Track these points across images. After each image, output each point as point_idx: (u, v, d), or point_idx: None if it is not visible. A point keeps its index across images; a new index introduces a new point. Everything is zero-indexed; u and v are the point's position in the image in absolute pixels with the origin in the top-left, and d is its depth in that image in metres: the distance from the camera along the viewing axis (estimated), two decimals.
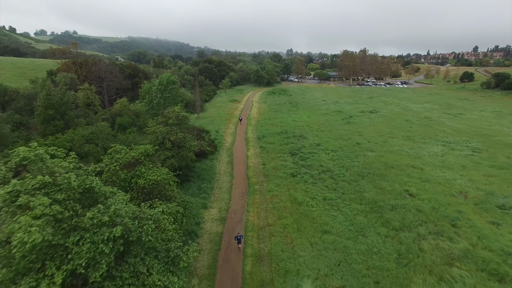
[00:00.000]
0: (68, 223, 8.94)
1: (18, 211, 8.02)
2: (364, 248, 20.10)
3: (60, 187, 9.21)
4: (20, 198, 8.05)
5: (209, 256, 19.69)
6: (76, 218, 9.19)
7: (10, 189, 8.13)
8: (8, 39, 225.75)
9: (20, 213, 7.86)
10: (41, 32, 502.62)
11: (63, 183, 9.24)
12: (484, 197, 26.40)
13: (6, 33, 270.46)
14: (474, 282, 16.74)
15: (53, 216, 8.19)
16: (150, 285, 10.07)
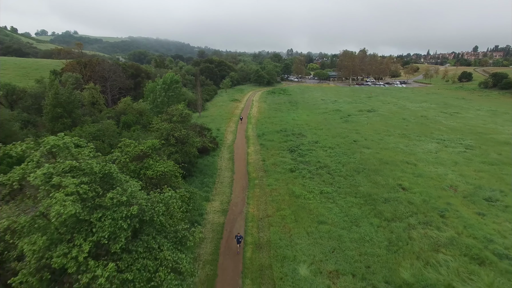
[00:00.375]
0: (92, 202, 10.30)
1: (52, 189, 9.36)
2: (357, 236, 21.44)
3: (84, 171, 10.56)
4: (54, 178, 9.40)
5: (212, 244, 21.05)
6: (97, 198, 10.55)
7: (45, 171, 9.48)
8: (10, 39, 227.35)
9: (54, 191, 9.20)
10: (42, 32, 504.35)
11: (87, 168, 10.59)
12: (472, 191, 27.74)
13: (8, 33, 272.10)
14: (457, 265, 18.08)
15: (80, 195, 9.53)
16: (161, 259, 11.43)
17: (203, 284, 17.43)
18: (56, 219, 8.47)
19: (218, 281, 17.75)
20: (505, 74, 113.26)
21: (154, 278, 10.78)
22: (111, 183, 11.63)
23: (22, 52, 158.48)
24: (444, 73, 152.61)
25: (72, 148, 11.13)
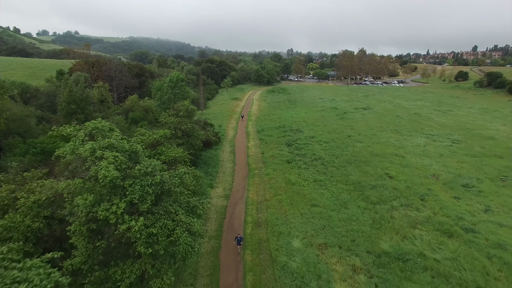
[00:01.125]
0: (124, 172, 13.03)
1: (96, 160, 12.06)
2: (345, 216, 24.16)
3: (117, 148, 13.27)
4: (97, 152, 12.10)
5: (216, 223, 23.79)
6: (128, 170, 13.29)
7: (90, 146, 12.18)
8: (13, 40, 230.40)
9: (98, 162, 11.91)
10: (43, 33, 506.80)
11: (119, 146, 13.30)
12: (452, 179, 30.45)
13: (11, 34, 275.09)
14: (429, 238, 20.80)
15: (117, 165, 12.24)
16: (178, 221, 14.17)
17: (209, 254, 20.17)
18: (103, 180, 11.19)
19: (221, 252, 20.50)
20: (499, 73, 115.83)
21: (172, 234, 13.52)
22: (137, 159, 14.36)
23: (26, 53, 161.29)
24: (441, 72, 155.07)
25: (106, 130, 13.87)
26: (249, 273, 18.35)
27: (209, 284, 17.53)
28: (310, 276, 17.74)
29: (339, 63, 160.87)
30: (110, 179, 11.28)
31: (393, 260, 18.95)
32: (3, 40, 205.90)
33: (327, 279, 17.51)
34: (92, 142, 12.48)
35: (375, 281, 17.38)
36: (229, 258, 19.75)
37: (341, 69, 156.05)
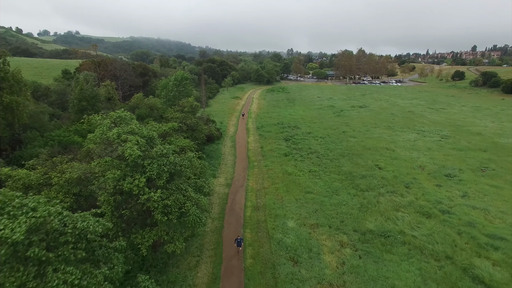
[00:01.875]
0: (144, 153, 15.52)
1: (122, 142, 14.54)
2: (336, 202, 26.64)
3: (137, 133, 15.76)
4: (122, 136, 14.60)
5: (219, 207, 26.29)
6: (147, 151, 15.78)
7: (116, 131, 14.67)
8: (16, 40, 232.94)
9: (123, 144, 14.39)
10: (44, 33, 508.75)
11: (139, 132, 15.81)
12: (437, 169, 32.92)
13: (13, 34, 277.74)
14: (410, 219, 23.28)
15: (138, 146, 14.73)
16: (187, 196, 16.66)
17: (213, 232, 22.67)
18: (128, 157, 13.69)
19: (224, 230, 23.00)
20: (494, 73, 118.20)
21: (183, 207, 16.00)
22: (153, 144, 16.86)
23: (30, 53, 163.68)
24: (439, 72, 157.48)
25: (128, 119, 16.39)
26: (248, 248, 20.84)
27: (214, 256, 20.03)
28: (302, 250, 20.23)
29: (338, 63, 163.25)
30: (134, 157, 13.76)
31: (376, 236, 21.44)
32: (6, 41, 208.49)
33: (317, 252, 19.99)
34: (117, 128, 14.98)
35: (359, 253, 19.87)
36: (230, 236, 22.22)
37: (339, 68, 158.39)
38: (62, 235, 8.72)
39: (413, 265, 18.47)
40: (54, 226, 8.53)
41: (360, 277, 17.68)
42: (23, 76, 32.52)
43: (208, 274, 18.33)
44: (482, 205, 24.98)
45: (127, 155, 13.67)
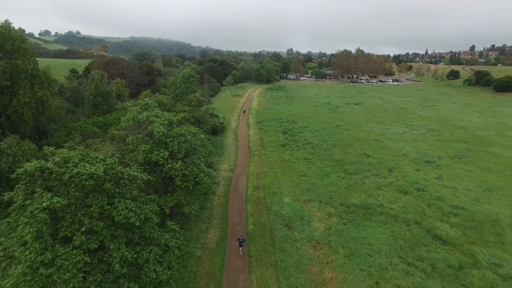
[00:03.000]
0: (166, 132, 19.27)
1: (150, 124, 18.30)
2: (326, 183, 30.38)
3: (161, 117, 19.53)
4: (150, 118, 18.35)
5: (224, 187, 30.03)
6: (168, 131, 19.54)
7: (145, 114, 18.44)
8: None
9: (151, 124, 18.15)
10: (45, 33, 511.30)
11: (162, 116, 19.57)
12: (419, 157, 36.68)
13: None
14: (389, 195, 27.03)
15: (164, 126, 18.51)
16: (201, 169, 20.40)
17: (219, 206, 26.42)
18: (157, 134, 17.45)
19: (229, 205, 26.75)
20: (487, 72, 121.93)
21: (197, 177, 19.76)
22: (172, 126, 20.62)
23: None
24: (434, 71, 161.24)
25: (153, 106, 20.16)
26: (250, 218, 24.59)
27: (221, 223, 23.79)
28: (295, 218, 23.97)
29: (336, 62, 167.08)
30: (161, 134, 17.51)
31: (359, 209, 25.19)
32: None
33: (308, 220, 23.75)
34: (146, 112, 18.76)
35: (343, 221, 23.62)
36: (234, 209, 25.98)
37: (338, 68, 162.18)
38: (121, 179, 12.41)
39: (387, 229, 22.22)
40: (117, 172, 12.23)
41: (343, 237, 21.42)
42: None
43: (217, 236, 22.10)
44: (453, 184, 28.76)
45: (155, 132, 17.43)
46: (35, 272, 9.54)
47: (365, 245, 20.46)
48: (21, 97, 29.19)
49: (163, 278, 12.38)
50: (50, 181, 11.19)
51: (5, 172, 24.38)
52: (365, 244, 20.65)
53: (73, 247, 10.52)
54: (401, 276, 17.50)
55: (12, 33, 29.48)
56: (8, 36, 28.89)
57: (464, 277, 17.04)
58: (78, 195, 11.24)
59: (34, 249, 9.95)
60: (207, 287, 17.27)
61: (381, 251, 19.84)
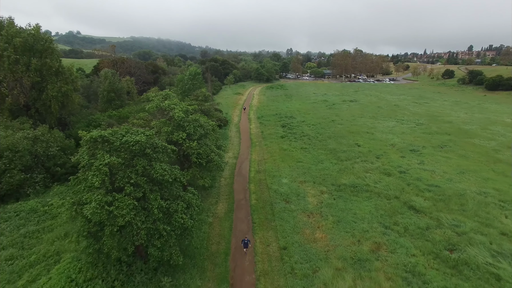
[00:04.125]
0: (183, 117, 23.02)
1: (170, 109, 22.06)
2: (320, 167, 34.12)
3: (179, 105, 23.28)
4: (170, 106, 22.12)
5: (229, 171, 33.77)
6: (185, 117, 23.30)
7: (168, 102, 22.19)
8: None
9: (172, 110, 21.91)
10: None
11: (181, 104, 23.34)
12: (405, 146, 40.47)
13: None
14: (375, 177, 30.77)
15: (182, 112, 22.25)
16: (212, 150, 24.18)
17: (226, 186, 30.17)
18: (177, 117, 21.20)
19: (234, 185, 30.50)
20: (480, 71, 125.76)
21: (209, 155, 23.51)
22: (188, 113, 24.38)
23: None
24: (430, 71, 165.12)
25: (173, 96, 23.94)
26: (252, 195, 28.33)
27: (228, 199, 27.53)
28: (292, 195, 27.71)
29: (334, 62, 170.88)
30: (180, 118, 21.27)
31: (347, 187, 28.93)
32: None
33: (303, 196, 27.50)
34: (168, 101, 22.54)
35: (333, 196, 27.36)
36: (239, 188, 29.73)
37: (336, 67, 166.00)
38: (156, 148, 16.13)
39: (371, 203, 25.99)
40: (154, 142, 15.98)
41: (332, 209, 25.17)
42: None
43: (225, 208, 25.86)
44: (432, 168, 32.57)
45: (176, 116, 21.18)
46: (102, 208, 13.25)
47: (351, 215, 24.21)
48: (49, 91, 32.92)
49: (188, 225, 16.12)
50: (105, 146, 14.92)
51: (40, 155, 28.15)
52: (351, 213, 24.40)
53: (125, 194, 14.27)
54: (378, 235, 21.26)
55: (42, 35, 33.17)
56: (39, 37, 32.59)
57: (429, 235, 20.83)
58: (127, 157, 15.00)
59: (100, 193, 13.70)
60: (219, 244, 21.04)
61: (364, 218, 23.59)
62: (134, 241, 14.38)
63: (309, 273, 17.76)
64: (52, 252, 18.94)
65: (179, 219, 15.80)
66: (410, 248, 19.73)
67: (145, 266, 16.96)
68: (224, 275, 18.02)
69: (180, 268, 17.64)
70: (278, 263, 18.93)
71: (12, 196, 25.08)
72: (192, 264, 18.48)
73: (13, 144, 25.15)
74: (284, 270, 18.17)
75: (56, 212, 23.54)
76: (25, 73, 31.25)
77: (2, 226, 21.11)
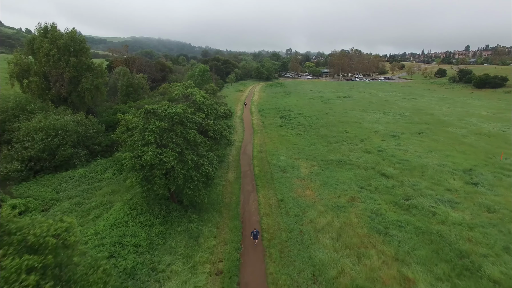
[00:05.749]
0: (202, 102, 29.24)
1: (192, 96, 28.24)
2: (312, 148, 40.40)
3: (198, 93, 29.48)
4: (193, 92, 28.31)
5: (236, 152, 40.05)
6: (204, 102, 29.53)
7: (191, 89, 28.35)
8: None
9: (194, 96, 28.10)
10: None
11: (199, 92, 29.53)
12: (387, 133, 46.77)
13: (24, 35, 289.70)
14: (357, 155, 37.06)
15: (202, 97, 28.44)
16: (225, 128, 30.47)
17: (233, 161, 36.43)
18: (198, 102, 27.42)
19: (240, 161, 36.76)
20: (469, 70, 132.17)
21: (222, 132, 29.77)
22: (206, 99, 30.63)
23: None
24: (424, 70, 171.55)
25: (192, 85, 30.22)
26: (256, 167, 34.57)
27: (235, 170, 33.77)
28: (288, 167, 33.95)
29: (331, 62, 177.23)
30: (201, 101, 27.51)
31: (334, 162, 35.19)
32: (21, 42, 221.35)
33: (297, 168, 33.75)
34: (191, 89, 28.79)
35: (321, 168, 33.60)
36: (244, 163, 35.98)
37: (333, 67, 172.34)
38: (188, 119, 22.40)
39: (351, 172, 32.23)
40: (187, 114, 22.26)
41: (320, 176, 31.40)
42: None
43: (234, 176, 32.12)
44: (405, 148, 38.90)
45: (198, 100, 27.42)
46: (155, 155, 19.48)
47: (335, 180, 30.45)
48: (84, 84, 39.07)
49: (211, 174, 22.38)
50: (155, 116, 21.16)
51: (81, 135, 34.37)
52: (335, 179, 30.64)
53: (169, 148, 20.52)
54: (354, 192, 27.50)
55: (78, 37, 39.36)
56: (76, 39, 38.77)
57: (392, 191, 27.11)
58: (169, 124, 21.26)
59: (153, 147, 19.94)
60: (231, 198, 27.32)
61: (344, 182, 29.84)
62: (176, 182, 20.64)
63: (299, 214, 24.02)
64: (106, 201, 25.12)
65: (205, 169, 22.07)
66: (377, 199, 25.99)
67: (178, 207, 23.25)
68: (236, 216, 24.29)
69: (204, 209, 23.95)
70: (277, 209, 25.20)
71: (63, 166, 31.21)
72: (212, 208, 24.76)
73: (64, 125, 31.31)
74: (281, 213, 24.45)
75: (100, 177, 29.76)
76: (65, 69, 37.38)
77: (64, 185, 27.34)
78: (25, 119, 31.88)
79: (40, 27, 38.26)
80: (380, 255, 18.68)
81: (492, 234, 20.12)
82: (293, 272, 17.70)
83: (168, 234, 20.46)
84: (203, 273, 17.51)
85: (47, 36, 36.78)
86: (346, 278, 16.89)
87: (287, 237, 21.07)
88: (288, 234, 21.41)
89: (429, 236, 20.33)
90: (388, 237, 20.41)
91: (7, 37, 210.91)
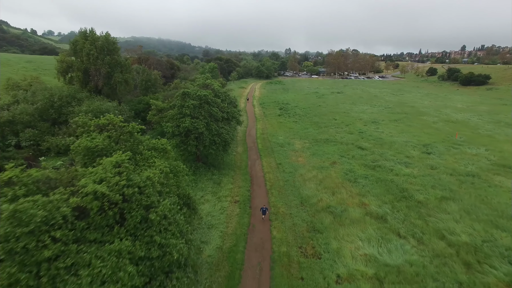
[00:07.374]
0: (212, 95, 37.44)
1: (212, 85, 36.46)
2: (305, 131, 48.68)
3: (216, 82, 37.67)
4: (211, 82, 36.50)
5: (242, 134, 48.33)
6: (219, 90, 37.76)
7: (210, 80, 36.50)
8: (34, 41, 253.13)
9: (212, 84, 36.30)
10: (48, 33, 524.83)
11: (215, 82, 37.73)
12: (370, 120, 55.12)
13: (30, 35, 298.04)
14: (341, 135, 45.36)
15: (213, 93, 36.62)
16: (235, 111, 38.74)
17: (240, 141, 44.71)
18: (216, 89, 35.64)
19: (246, 140, 45.06)
20: (457, 69, 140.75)
21: (234, 113, 38.03)
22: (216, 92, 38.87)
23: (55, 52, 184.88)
24: (416, 69, 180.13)
25: (210, 77, 38.46)
26: (259, 144, 42.84)
27: (243, 145, 42.05)
28: (285, 144, 42.23)
29: (328, 61, 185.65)
30: (218, 89, 35.71)
31: (322, 140, 43.49)
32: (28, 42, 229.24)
33: (292, 144, 42.03)
34: (210, 79, 37.03)
35: (312, 144, 41.89)
36: (250, 141, 44.31)
37: (329, 66, 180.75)
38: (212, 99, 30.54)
39: (335, 147, 40.51)
40: (211, 96, 30.44)
41: (310, 149, 39.65)
42: None
43: (242, 149, 40.41)
44: (382, 130, 47.25)
45: (216, 87, 35.61)
46: (192, 123, 27.68)
47: (322, 152, 38.71)
48: (116, 78, 47.26)
49: (228, 140, 30.70)
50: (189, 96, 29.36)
51: None
52: (322, 151, 38.90)
53: (199, 120, 28.77)
54: (336, 159, 35.75)
55: (111, 39, 47.55)
56: (110, 40, 46.96)
57: (365, 157, 35.38)
58: (199, 102, 29.50)
59: (189, 118, 28.15)
60: (241, 163, 35.59)
61: (329, 153, 38.10)
62: (204, 143, 28.88)
63: (293, 171, 32.29)
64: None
65: (224, 136, 30.38)
66: (352, 163, 34.26)
67: (203, 165, 31.52)
68: (246, 173, 32.56)
69: (222, 168, 32.26)
70: (276, 169, 33.48)
71: None
72: (228, 167, 33.07)
73: (107, 109, 39.49)
74: (279, 171, 32.72)
75: None
76: (102, 66, 45.53)
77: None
78: (76, 105, 40.06)
79: (81, 31, 46.43)
80: (348, 192, 26.98)
81: (427, 180, 28.46)
82: (287, 201, 26.00)
83: (199, 180, 28.76)
84: (226, 202, 25.80)
85: (87, 39, 44.94)
86: (323, 203, 25.16)
87: (284, 183, 29.39)
88: (284, 182, 29.72)
89: (385, 182, 28.63)
90: (356, 183, 28.70)
91: (16, 38, 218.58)
